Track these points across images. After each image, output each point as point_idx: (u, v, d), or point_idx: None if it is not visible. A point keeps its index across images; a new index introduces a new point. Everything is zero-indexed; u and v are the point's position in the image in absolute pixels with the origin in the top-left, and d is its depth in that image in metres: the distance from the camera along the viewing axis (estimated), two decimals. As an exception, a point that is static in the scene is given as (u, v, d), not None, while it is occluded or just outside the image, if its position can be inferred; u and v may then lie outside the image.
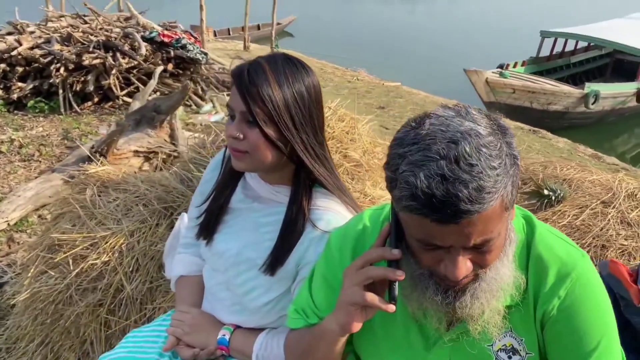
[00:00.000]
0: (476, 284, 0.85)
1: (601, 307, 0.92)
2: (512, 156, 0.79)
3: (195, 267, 1.39)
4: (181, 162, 2.00)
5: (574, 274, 0.90)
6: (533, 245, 0.92)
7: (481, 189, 0.74)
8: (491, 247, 0.81)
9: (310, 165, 1.13)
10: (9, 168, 3.83)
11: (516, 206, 0.95)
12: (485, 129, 0.78)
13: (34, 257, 1.92)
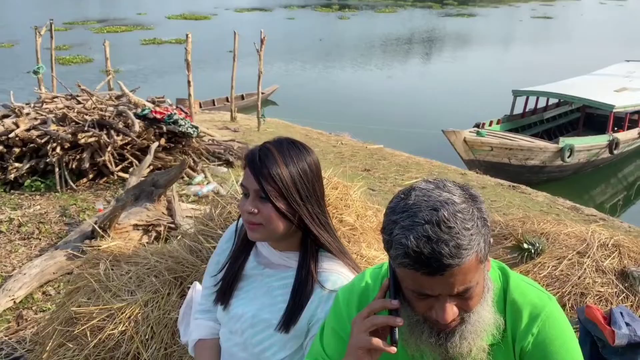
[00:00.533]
0: (463, 326, 1.02)
1: (568, 340, 1.08)
2: (482, 219, 0.98)
3: (212, 330, 1.53)
4: (190, 234, 2.15)
5: (544, 314, 1.07)
6: (508, 292, 1.10)
7: (459, 246, 0.92)
8: (472, 294, 0.99)
9: (316, 232, 1.31)
10: (9, 247, 3.93)
11: (492, 259, 1.14)
12: (459, 197, 0.97)
13: (51, 331, 2.02)
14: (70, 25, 27.45)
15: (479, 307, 1.03)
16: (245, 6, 45.54)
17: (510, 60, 24.14)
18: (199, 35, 22.95)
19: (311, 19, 38.72)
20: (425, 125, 12.04)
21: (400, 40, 28.84)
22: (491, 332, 1.05)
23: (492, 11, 51.93)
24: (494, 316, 1.06)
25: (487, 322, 1.04)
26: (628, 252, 2.41)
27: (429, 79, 19.61)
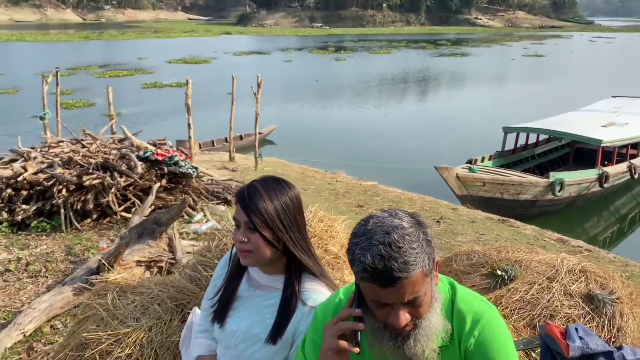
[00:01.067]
0: (416, 330, 1.23)
1: (505, 342, 1.29)
2: (427, 240, 1.21)
3: (210, 348, 1.73)
4: (190, 265, 2.36)
5: (484, 320, 1.29)
6: (455, 302, 1.32)
7: (406, 262, 1.15)
8: (421, 302, 1.21)
9: (299, 256, 1.53)
10: (18, 285, 4.12)
11: (443, 276, 1.36)
12: (408, 223, 1.20)
13: (62, 356, 2.21)
14: (73, 71, 28.15)
15: (429, 314, 1.24)
16: (243, 50, 46.68)
17: (502, 98, 24.73)
18: (199, 79, 23.61)
19: (308, 61, 39.68)
20: (420, 162, 12.34)
21: (395, 80, 29.55)
22: (440, 335, 1.27)
23: (485, 50, 53.22)
24: (442, 322, 1.27)
25: (436, 327, 1.25)
26: (595, 277, 2.61)
27: (423, 117, 20.07)
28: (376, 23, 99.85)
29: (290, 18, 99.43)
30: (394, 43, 60.30)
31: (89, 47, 47.16)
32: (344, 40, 65.89)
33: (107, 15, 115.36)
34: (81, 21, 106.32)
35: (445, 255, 3.34)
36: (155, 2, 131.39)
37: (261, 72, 12.76)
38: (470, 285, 2.69)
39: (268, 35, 73.65)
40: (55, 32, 66.80)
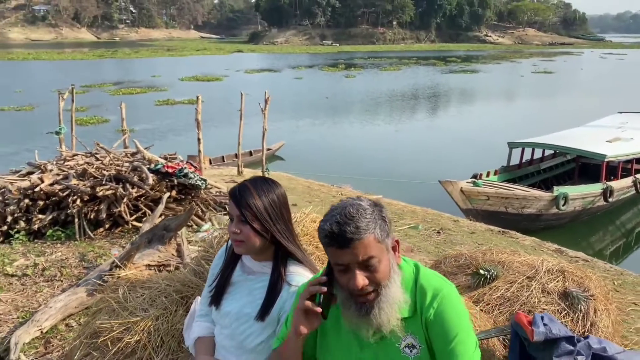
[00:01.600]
0: (379, 298, 1.43)
1: (459, 314, 1.49)
2: (381, 217, 1.45)
3: (209, 330, 1.94)
4: (194, 258, 2.58)
5: (442, 294, 1.49)
6: (418, 280, 1.52)
7: (358, 227, 1.39)
8: (376, 267, 1.41)
9: (285, 245, 1.75)
10: (35, 288, 4.35)
11: (409, 259, 1.57)
12: (366, 203, 1.44)
13: (78, 343, 2.43)
14: (88, 88, 28.78)
15: (389, 284, 1.45)
16: (255, 68, 47.33)
17: (510, 114, 24.88)
18: (211, 96, 24.08)
19: (318, 78, 40.13)
20: (426, 176, 12.49)
21: (404, 96, 29.82)
22: (401, 306, 1.47)
23: (494, 67, 53.47)
24: (402, 293, 1.47)
25: (397, 297, 1.46)
26: (572, 277, 2.78)
27: (432, 133, 20.28)
28: (386, 40, 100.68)
29: (301, 36, 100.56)
30: (404, 60, 60.76)
31: (103, 65, 48.09)
32: (354, 57, 66.52)
33: (121, 34, 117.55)
34: (95, 40, 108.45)
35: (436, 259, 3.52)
36: (168, 21, 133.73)
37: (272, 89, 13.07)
38: (456, 284, 2.86)
39: (279, 53, 74.58)
40: (70, 50, 68.18)
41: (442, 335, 1.47)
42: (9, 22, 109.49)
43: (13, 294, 4.25)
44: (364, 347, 1.53)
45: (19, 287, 4.40)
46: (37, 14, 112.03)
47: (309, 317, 1.50)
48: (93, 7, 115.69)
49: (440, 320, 1.48)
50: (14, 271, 4.73)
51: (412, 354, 1.49)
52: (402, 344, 1.50)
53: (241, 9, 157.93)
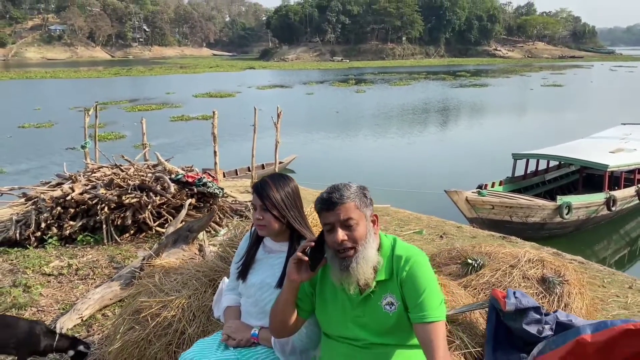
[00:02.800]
0: (356, 255, 1.85)
1: (427, 275, 1.89)
2: (363, 194, 1.89)
3: (236, 301, 2.36)
4: (221, 245, 3.01)
5: (412, 259, 1.89)
6: (395, 249, 1.93)
7: (342, 195, 1.83)
8: (354, 227, 1.83)
9: (298, 228, 2.17)
10: (71, 285, 4.80)
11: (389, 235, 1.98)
12: (354, 185, 1.88)
13: (121, 320, 2.85)
14: (104, 105, 29.53)
15: (365, 245, 1.86)
16: (266, 84, 48.09)
17: (518, 126, 25.20)
18: (224, 111, 24.63)
19: (329, 94, 40.71)
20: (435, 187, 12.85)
21: (414, 110, 30.21)
22: (376, 266, 1.89)
23: (504, 81, 53.78)
24: (377, 256, 1.90)
25: (371, 256, 1.88)
26: (550, 265, 3.16)
27: (440, 145, 20.65)
28: (396, 56, 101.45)
29: (312, 52, 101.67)
30: (413, 75, 61.27)
31: (119, 83, 49.16)
32: (364, 73, 67.17)
33: (135, 53, 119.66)
34: (110, 58, 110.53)
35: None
36: (180, 39, 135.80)
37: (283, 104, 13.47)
38: (448, 273, 3.26)
39: (290, 69, 75.54)
40: (86, 69, 69.63)
41: (413, 291, 1.87)
42: (25, 42, 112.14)
43: (52, 289, 4.70)
44: (355, 307, 1.94)
45: (57, 285, 4.86)
46: (53, 33, 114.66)
47: (301, 268, 1.92)
48: (107, 26, 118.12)
49: (412, 279, 1.88)
50: (51, 271, 5.18)
51: (391, 310, 1.90)
52: (383, 302, 1.91)
53: (252, 27, 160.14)
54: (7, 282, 5.01)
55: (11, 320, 3.12)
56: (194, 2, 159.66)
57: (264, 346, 2.17)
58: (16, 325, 3.02)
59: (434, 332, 1.79)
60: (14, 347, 2.95)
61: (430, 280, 1.88)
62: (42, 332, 3.06)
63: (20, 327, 3.01)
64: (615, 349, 2.10)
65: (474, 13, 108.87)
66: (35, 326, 3.09)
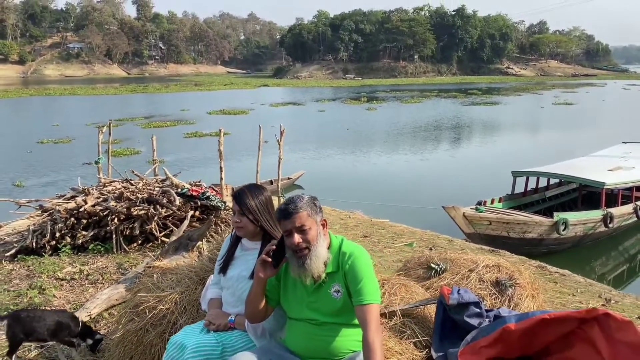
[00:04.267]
0: (310, 254, 2.26)
1: (365, 267, 2.31)
2: (313, 203, 2.32)
3: (218, 293, 2.78)
4: (210, 250, 3.43)
5: (354, 255, 2.32)
6: (341, 247, 2.36)
7: (296, 206, 2.25)
8: (307, 232, 2.24)
9: (269, 230, 2.59)
10: (82, 288, 5.26)
11: (338, 236, 2.39)
12: (306, 196, 2.31)
13: (124, 313, 3.27)
14: (121, 122, 30.35)
15: (317, 245, 2.28)
16: (279, 101, 48.83)
17: (523, 144, 25.44)
18: (238, 128, 25.22)
19: (340, 111, 41.26)
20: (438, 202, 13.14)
21: (423, 128, 30.55)
22: (326, 261, 2.29)
23: (515, 99, 53.97)
24: (326, 252, 2.31)
25: (322, 254, 2.30)
26: (505, 270, 3.53)
27: (446, 162, 20.93)
28: (408, 74, 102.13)
29: (324, 70, 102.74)
30: (425, 93, 61.67)
31: (135, 100, 50.25)
32: (376, 90, 67.74)
33: (151, 70, 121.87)
34: (126, 75, 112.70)
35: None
36: (196, 57, 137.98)
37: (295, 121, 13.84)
38: (415, 276, 3.65)
39: (303, 87, 76.45)
40: (103, 86, 71.16)
41: (354, 279, 2.29)
42: (44, 59, 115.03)
43: (65, 292, 5.15)
44: (309, 294, 2.36)
45: (69, 288, 5.31)
46: (71, 51, 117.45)
47: (265, 267, 2.34)
48: (124, 44, 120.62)
49: (353, 270, 2.31)
50: (64, 276, 5.65)
51: (338, 296, 2.32)
52: (331, 290, 2.34)
53: (266, 45, 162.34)
54: (25, 285, 5.48)
55: (41, 313, 3.64)
56: (210, 20, 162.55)
57: (239, 330, 2.58)
58: (46, 317, 3.52)
59: (368, 312, 2.20)
60: (47, 334, 3.44)
61: (367, 272, 2.29)
62: (69, 319, 3.58)
63: (49, 317, 3.50)
64: (537, 335, 2.48)
65: (487, 32, 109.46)
66: (63, 315, 3.63)
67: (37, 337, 3.45)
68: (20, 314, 3.48)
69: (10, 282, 5.69)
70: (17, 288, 5.44)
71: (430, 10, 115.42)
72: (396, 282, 3.18)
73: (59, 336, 3.49)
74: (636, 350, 2.17)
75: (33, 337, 3.43)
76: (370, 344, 2.14)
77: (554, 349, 2.47)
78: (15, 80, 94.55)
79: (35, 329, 3.40)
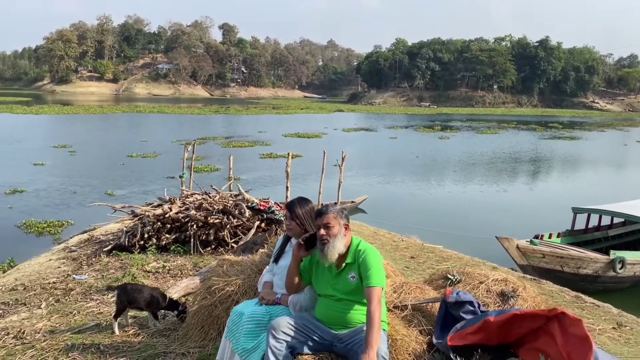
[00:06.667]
0: (328, 244, 3.11)
1: (374, 260, 3.11)
2: (341, 210, 3.17)
3: (270, 278, 3.66)
4: (268, 250, 4.34)
5: (366, 251, 3.15)
6: (359, 245, 3.19)
7: (327, 209, 3.14)
8: (331, 228, 3.09)
9: (311, 232, 3.46)
10: (164, 280, 6.34)
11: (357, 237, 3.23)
12: (337, 206, 3.17)
13: (199, 293, 4.23)
14: (203, 141, 32.52)
15: (336, 240, 3.11)
16: (352, 126, 49.92)
17: (597, 180, 24.85)
18: (310, 151, 26.43)
19: (412, 138, 41.68)
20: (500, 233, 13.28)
21: (494, 159, 30.36)
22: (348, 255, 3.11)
23: (598, 135, 52.06)
24: (343, 246, 3.14)
25: (338, 246, 3.13)
26: (511, 284, 4.16)
27: (512, 194, 20.89)
28: (486, 104, 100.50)
29: (399, 97, 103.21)
30: (502, 124, 60.64)
31: (217, 120, 53.24)
32: (452, 119, 67.35)
33: (232, 92, 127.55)
34: (209, 96, 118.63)
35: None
36: (275, 81, 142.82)
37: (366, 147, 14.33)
38: (435, 286, 4.36)
39: (377, 112, 77.36)
40: (187, 105, 75.53)
41: (365, 268, 3.09)
42: (135, 78, 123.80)
43: (150, 281, 6.25)
44: (333, 277, 3.19)
45: (154, 279, 6.42)
46: (160, 71, 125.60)
47: (300, 248, 3.21)
48: (209, 66, 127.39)
49: (365, 261, 3.12)
50: (150, 269, 6.78)
51: (353, 280, 3.14)
52: (348, 276, 3.16)
53: (343, 71, 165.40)
54: (119, 274, 6.66)
55: (141, 287, 4.74)
56: (290, 46, 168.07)
57: (283, 306, 3.44)
58: (144, 290, 4.58)
59: (372, 292, 3.00)
60: (143, 304, 4.48)
61: (375, 264, 3.09)
62: (160, 295, 4.62)
63: (146, 291, 4.55)
64: (512, 328, 3.16)
65: (571, 64, 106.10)
66: (155, 291, 4.69)
67: (137, 305, 4.51)
68: (127, 286, 4.57)
69: (107, 271, 6.90)
70: (113, 276, 6.61)
71: (512, 41, 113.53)
72: (413, 285, 3.92)
73: (151, 307, 4.53)
74: (583, 342, 2.80)
75: (134, 305, 4.49)
76: (371, 314, 2.92)
77: (527, 340, 3.13)
78: (108, 97, 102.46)
79: (137, 299, 4.45)
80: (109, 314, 4.89)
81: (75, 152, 26.58)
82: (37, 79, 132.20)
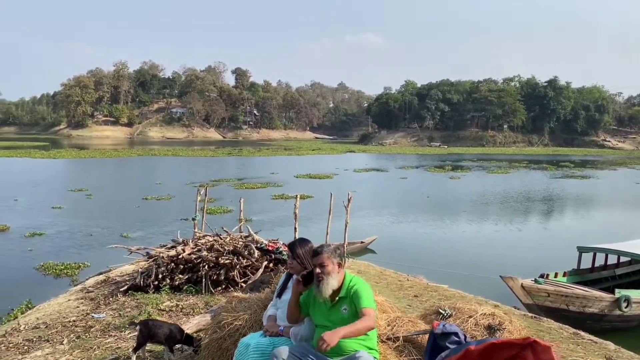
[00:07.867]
0: (324, 280, 3.51)
1: (364, 290, 3.50)
2: (336, 250, 3.58)
3: (274, 312, 4.04)
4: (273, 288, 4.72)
5: (358, 284, 3.54)
6: (352, 280, 3.58)
7: (322, 249, 3.54)
8: (325, 267, 3.48)
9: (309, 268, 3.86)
10: (177, 317, 6.70)
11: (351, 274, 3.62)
12: (332, 245, 3.58)
13: (210, 327, 4.60)
14: (216, 183, 33.19)
15: (330, 276, 3.50)
16: (363, 167, 50.48)
17: (602, 219, 24.90)
18: (321, 192, 26.84)
19: (423, 178, 42.02)
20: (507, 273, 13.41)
21: (504, 199, 30.50)
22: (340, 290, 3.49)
23: (609, 173, 52.03)
24: (336, 282, 3.53)
25: (332, 282, 3.52)
26: (498, 318, 4.48)
27: (520, 233, 21.01)
28: (496, 143, 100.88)
29: (409, 137, 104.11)
30: (513, 163, 60.78)
31: (229, 162, 54.16)
32: (462, 159, 67.71)
33: (244, 134, 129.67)
34: (221, 139, 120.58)
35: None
36: (286, 123, 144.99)
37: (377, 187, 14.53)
38: (428, 320, 4.69)
39: (388, 153, 78.07)
40: (200, 148, 76.87)
41: (357, 297, 3.47)
42: (149, 122, 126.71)
43: (164, 319, 6.60)
44: (328, 310, 3.57)
45: (167, 317, 6.78)
46: (174, 115, 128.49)
47: (300, 285, 3.58)
48: (222, 110, 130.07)
49: (356, 293, 3.51)
50: (164, 308, 7.16)
51: (345, 312, 3.52)
52: (341, 308, 3.53)
53: (353, 113, 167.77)
54: (135, 312, 7.04)
55: (161, 323, 5.19)
56: (302, 89, 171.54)
57: (285, 337, 3.81)
58: (164, 326, 4.99)
59: (365, 312, 3.41)
60: (163, 338, 4.87)
61: (365, 293, 3.49)
62: (177, 330, 5.01)
63: (166, 326, 4.96)
64: (491, 356, 3.48)
65: (580, 103, 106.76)
66: (174, 326, 5.12)
67: (156, 339, 4.92)
68: (148, 322, 4.99)
69: (124, 310, 7.29)
70: (130, 314, 6.99)
71: (521, 81, 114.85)
72: (405, 319, 4.27)
73: (169, 341, 4.92)
74: (552, 368, 3.13)
75: (154, 339, 4.90)
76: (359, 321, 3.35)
77: (505, 367, 3.45)
78: (123, 140, 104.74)
79: (157, 334, 4.86)
80: (126, 349, 5.27)
81: (91, 196, 27.31)
82: (54, 124, 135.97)
